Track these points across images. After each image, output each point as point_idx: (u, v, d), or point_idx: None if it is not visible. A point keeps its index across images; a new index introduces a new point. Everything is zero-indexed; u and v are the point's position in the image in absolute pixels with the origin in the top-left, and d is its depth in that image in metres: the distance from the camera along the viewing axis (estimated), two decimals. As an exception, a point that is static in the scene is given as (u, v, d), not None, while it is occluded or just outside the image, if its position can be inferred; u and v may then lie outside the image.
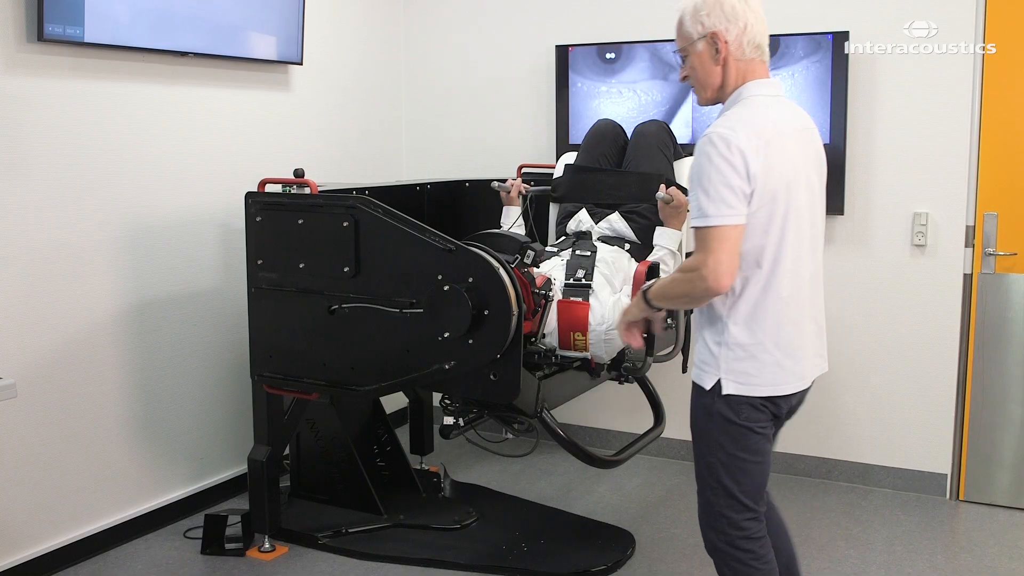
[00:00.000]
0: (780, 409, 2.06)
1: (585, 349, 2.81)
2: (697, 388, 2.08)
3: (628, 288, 2.95)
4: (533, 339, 2.66)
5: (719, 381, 2.01)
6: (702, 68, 2.04)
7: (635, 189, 3.20)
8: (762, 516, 2.10)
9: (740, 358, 1.99)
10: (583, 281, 2.94)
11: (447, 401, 2.83)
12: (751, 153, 1.88)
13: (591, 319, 2.82)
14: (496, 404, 2.71)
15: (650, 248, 3.10)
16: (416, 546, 3.13)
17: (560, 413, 4.25)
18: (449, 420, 2.84)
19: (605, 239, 3.19)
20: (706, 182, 1.90)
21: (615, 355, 2.90)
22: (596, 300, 2.87)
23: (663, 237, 3.07)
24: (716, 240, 1.88)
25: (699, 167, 1.93)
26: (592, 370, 2.88)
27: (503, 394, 2.54)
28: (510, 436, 3.00)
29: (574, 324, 2.82)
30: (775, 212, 1.94)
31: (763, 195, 1.92)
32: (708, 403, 2.04)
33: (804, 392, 2.10)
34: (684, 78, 2.13)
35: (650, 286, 2.11)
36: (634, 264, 3.05)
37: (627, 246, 3.16)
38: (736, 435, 2.02)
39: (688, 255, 2.61)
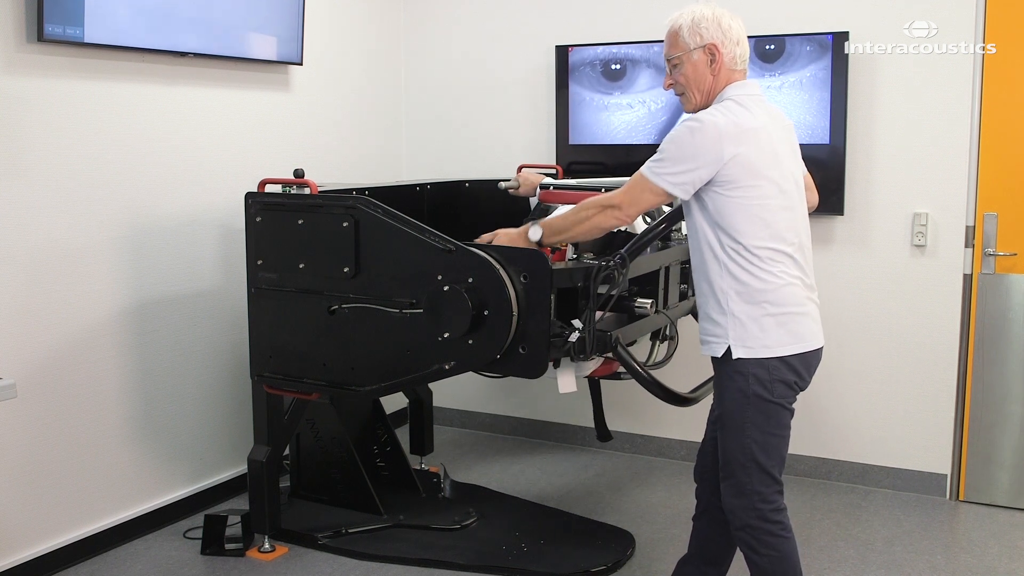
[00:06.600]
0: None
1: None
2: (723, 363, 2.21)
3: None
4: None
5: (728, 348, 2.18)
6: (695, 74, 2.25)
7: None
8: (783, 489, 2.27)
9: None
10: None
11: (567, 323, 2.50)
12: (728, 139, 2.09)
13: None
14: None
15: None
16: (416, 546, 3.13)
17: (558, 413, 4.26)
18: (574, 337, 2.45)
19: None
20: (675, 148, 2.13)
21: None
22: None
23: None
24: (648, 193, 2.16)
25: (678, 134, 2.14)
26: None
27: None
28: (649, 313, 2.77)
29: None
30: (765, 188, 2.13)
31: (746, 174, 2.10)
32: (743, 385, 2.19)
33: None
34: (670, 85, 2.34)
35: (537, 224, 2.37)
36: None
37: None
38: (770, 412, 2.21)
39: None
